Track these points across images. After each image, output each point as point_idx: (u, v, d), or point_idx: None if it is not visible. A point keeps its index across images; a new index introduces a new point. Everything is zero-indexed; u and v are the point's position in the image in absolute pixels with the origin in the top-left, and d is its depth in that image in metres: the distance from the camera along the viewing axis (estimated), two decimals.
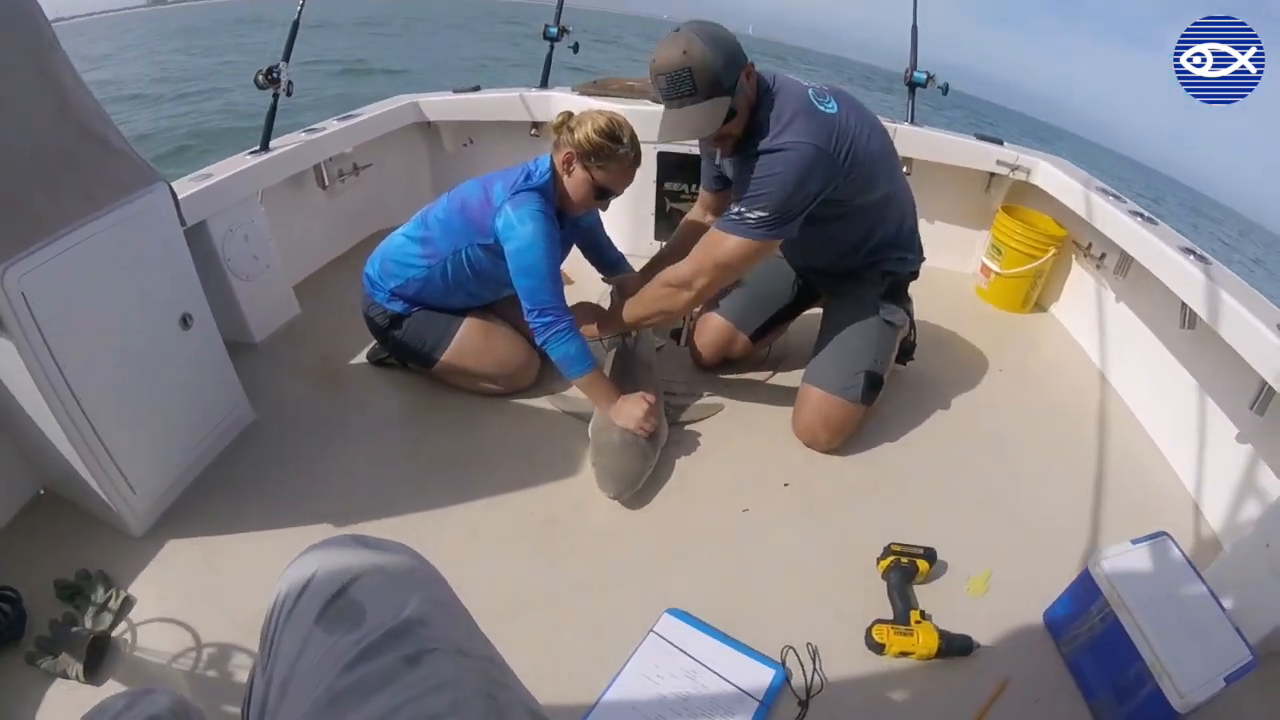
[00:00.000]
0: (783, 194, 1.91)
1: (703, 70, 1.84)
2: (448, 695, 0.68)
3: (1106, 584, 1.56)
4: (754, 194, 1.93)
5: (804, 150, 1.88)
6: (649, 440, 2.12)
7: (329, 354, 2.64)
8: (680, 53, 1.83)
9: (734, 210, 1.98)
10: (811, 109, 1.92)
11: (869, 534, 1.94)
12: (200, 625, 1.63)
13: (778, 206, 1.92)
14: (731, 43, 1.87)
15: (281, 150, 2.73)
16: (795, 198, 1.92)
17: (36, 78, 1.53)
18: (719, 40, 1.85)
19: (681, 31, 1.86)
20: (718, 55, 1.83)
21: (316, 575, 0.79)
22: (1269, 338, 1.86)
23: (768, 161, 1.91)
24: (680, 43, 1.84)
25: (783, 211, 1.93)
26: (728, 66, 1.85)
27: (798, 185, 1.90)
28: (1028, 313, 3.24)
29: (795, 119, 1.90)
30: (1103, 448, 2.41)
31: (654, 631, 1.67)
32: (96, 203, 1.65)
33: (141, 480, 1.83)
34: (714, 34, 1.86)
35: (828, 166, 1.91)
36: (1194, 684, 1.36)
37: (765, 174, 1.91)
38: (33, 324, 1.50)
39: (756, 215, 1.94)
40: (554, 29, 3.45)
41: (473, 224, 2.15)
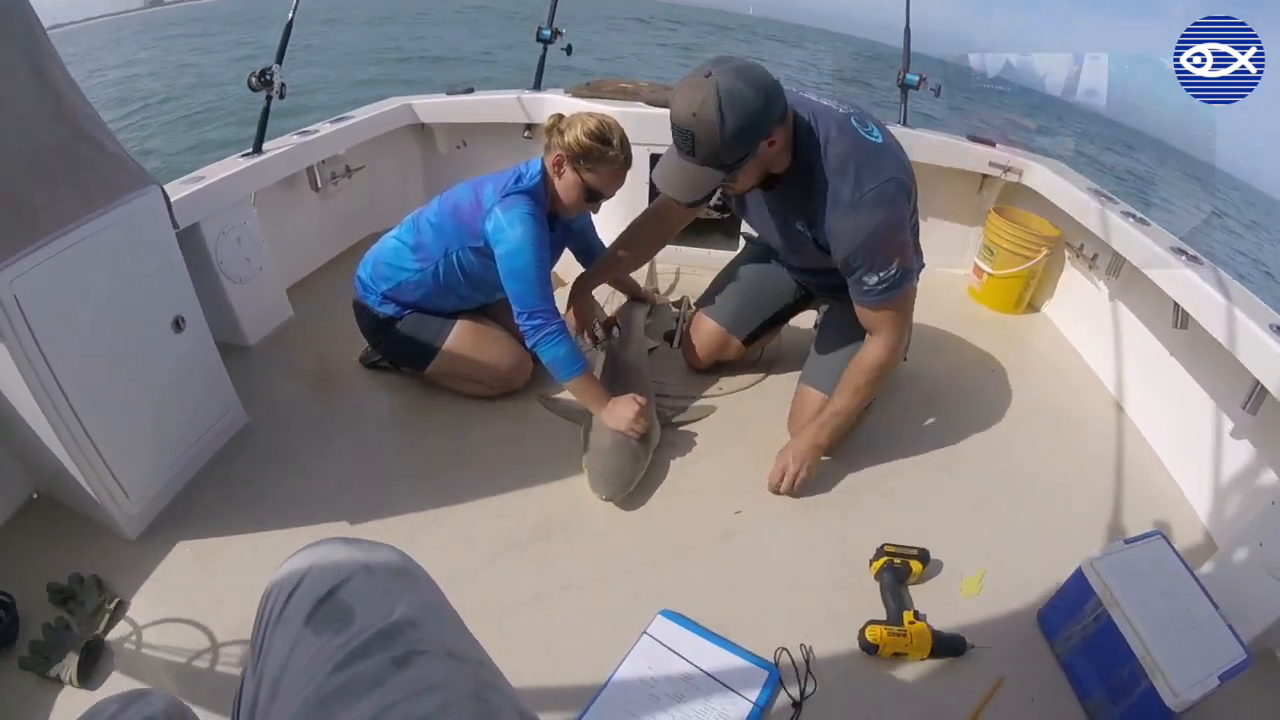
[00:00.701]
0: (902, 237, 1.89)
1: (705, 141, 1.71)
2: (437, 697, 0.68)
3: (1100, 583, 1.56)
4: (882, 254, 1.87)
5: (888, 190, 1.83)
6: (641, 442, 2.12)
7: (322, 357, 2.64)
8: (691, 113, 1.68)
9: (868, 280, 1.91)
10: (866, 144, 1.86)
11: (862, 535, 1.94)
12: (194, 628, 1.63)
13: (904, 249, 1.90)
14: (753, 110, 1.68)
15: (274, 152, 2.72)
16: (904, 230, 1.91)
17: (31, 78, 1.53)
18: (741, 106, 1.66)
19: (709, 78, 1.67)
20: (730, 127, 1.67)
21: (306, 577, 0.79)
22: (1261, 337, 1.87)
23: (864, 215, 1.84)
24: (698, 97, 1.67)
25: (908, 248, 1.92)
26: (734, 141, 1.70)
27: (902, 222, 1.88)
28: (1020, 313, 3.24)
29: (864, 164, 1.84)
30: (1096, 448, 2.41)
31: (647, 633, 1.67)
32: (91, 204, 1.65)
33: (134, 483, 1.83)
34: (738, 96, 1.66)
35: (907, 189, 1.90)
36: (1188, 683, 1.37)
37: (874, 228, 1.84)
38: (25, 327, 1.49)
39: (895, 268, 1.88)
40: (547, 31, 3.44)
41: (464, 227, 2.15)
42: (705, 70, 1.69)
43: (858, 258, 1.88)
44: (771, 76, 1.74)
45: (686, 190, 1.84)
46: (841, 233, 1.87)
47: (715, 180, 1.81)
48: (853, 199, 1.83)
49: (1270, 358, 1.84)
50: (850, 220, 1.85)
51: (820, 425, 2.13)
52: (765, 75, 1.73)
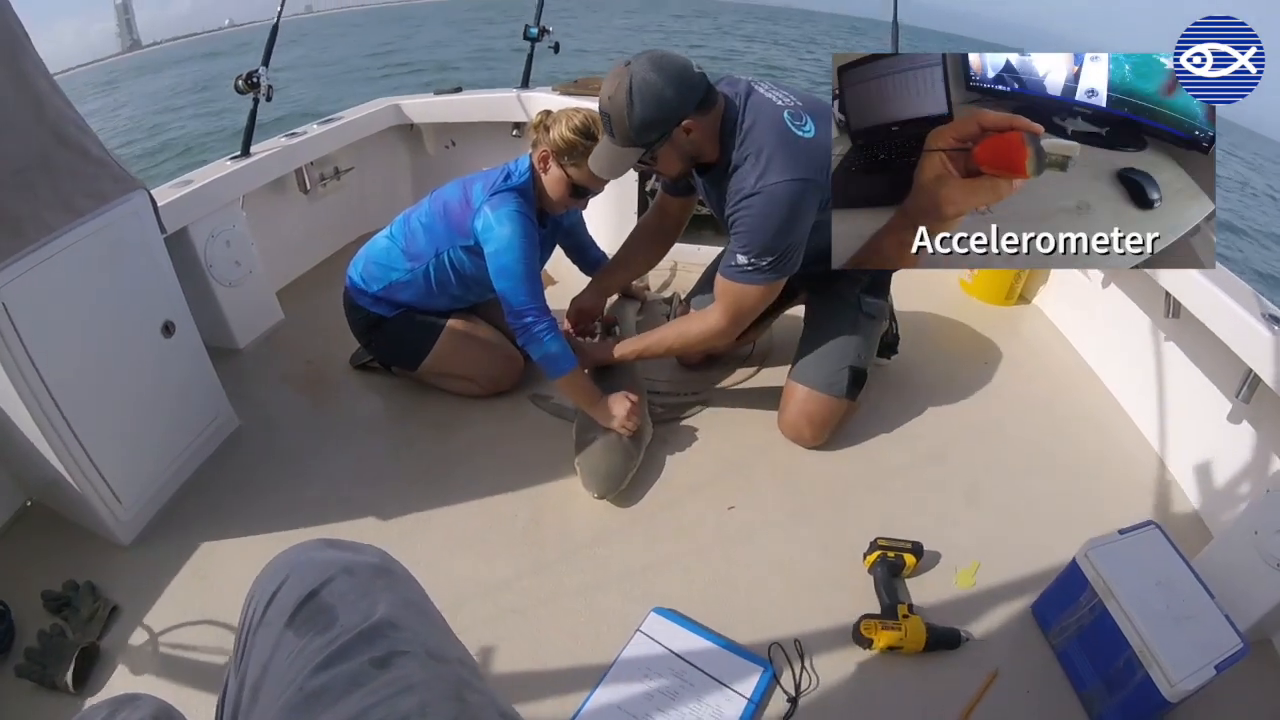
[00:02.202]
0: (782, 235, 1.90)
1: (618, 122, 1.84)
2: (416, 697, 0.68)
3: (1095, 574, 1.56)
4: (754, 240, 1.92)
5: (790, 188, 1.85)
6: (633, 439, 2.12)
7: (313, 359, 2.64)
8: (608, 97, 1.83)
9: (740, 259, 1.96)
10: (788, 138, 1.89)
11: (855, 529, 1.94)
12: (188, 633, 1.64)
13: (782, 248, 1.92)
14: (663, 98, 1.81)
15: (262, 155, 2.72)
16: (795, 234, 1.92)
17: (10, 82, 1.52)
18: (651, 94, 1.80)
19: (626, 68, 1.83)
20: (639, 112, 1.81)
21: (289, 578, 0.79)
22: (1254, 326, 1.87)
23: (756, 205, 1.88)
24: (615, 83, 1.83)
25: (786, 249, 1.93)
26: (646, 127, 1.84)
27: (792, 223, 1.89)
28: (1012, 305, 3.23)
29: (774, 155, 1.87)
30: (1089, 438, 2.41)
31: (641, 631, 1.67)
32: (76, 211, 1.65)
33: (126, 489, 1.83)
34: (649, 86, 1.80)
35: (815, 193, 1.89)
36: (1184, 673, 1.36)
37: (759, 218, 1.89)
38: (13, 334, 1.50)
39: (767, 261, 1.93)
40: (534, 29, 3.43)
41: (454, 226, 2.15)
42: (627, 60, 1.86)
43: (741, 238, 1.94)
44: (692, 70, 1.86)
45: (609, 168, 1.98)
46: (738, 214, 1.93)
47: (632, 158, 1.93)
48: (754, 186, 1.88)
49: (1263, 346, 1.84)
50: (746, 204, 1.90)
51: (625, 353, 2.26)
52: (682, 68, 1.84)
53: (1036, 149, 1.50)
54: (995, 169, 1.53)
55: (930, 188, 1.56)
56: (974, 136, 1.54)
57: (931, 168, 1.56)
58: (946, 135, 1.56)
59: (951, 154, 1.55)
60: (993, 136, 1.54)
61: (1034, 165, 1.50)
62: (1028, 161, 1.51)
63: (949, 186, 1.55)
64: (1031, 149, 1.50)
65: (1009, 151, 1.52)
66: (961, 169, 1.55)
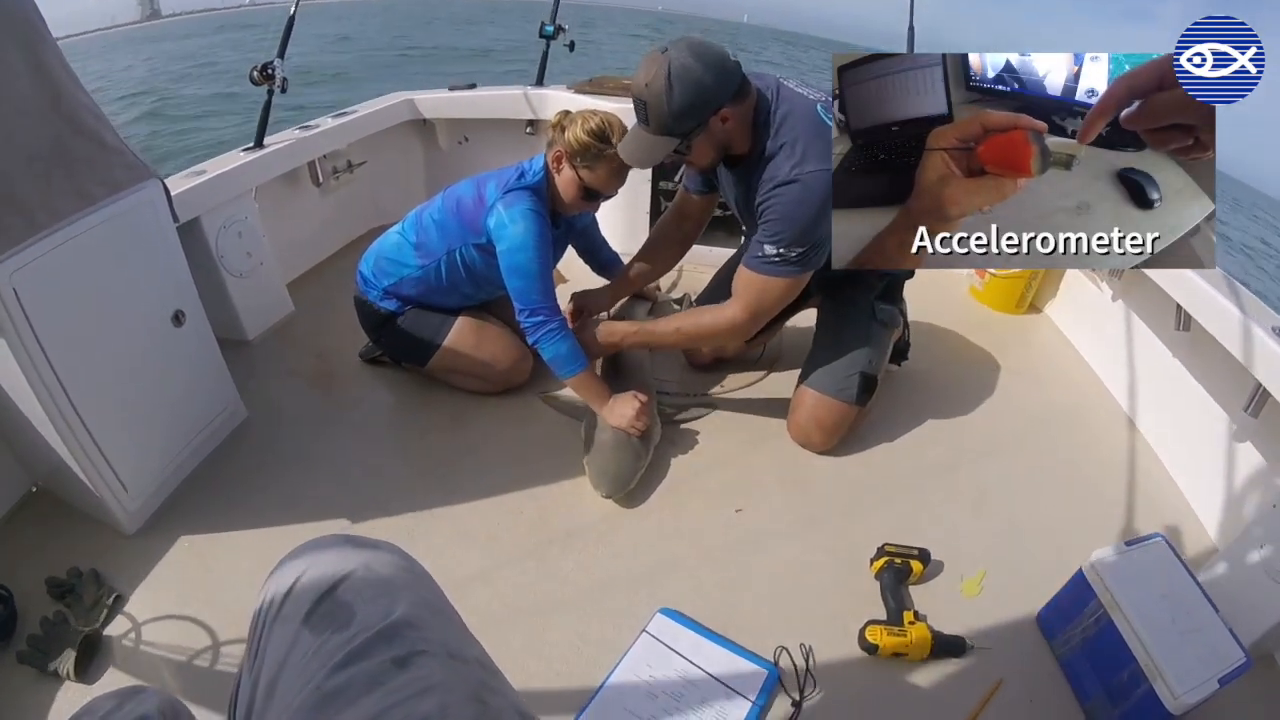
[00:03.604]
0: (815, 225, 1.87)
1: (655, 109, 1.81)
2: (436, 698, 0.68)
3: (1100, 585, 1.56)
4: (786, 229, 1.89)
5: (826, 178, 1.80)
6: (641, 439, 2.12)
7: (322, 352, 2.64)
8: (645, 84, 1.80)
9: (768, 249, 1.93)
10: (823, 129, 1.86)
11: (863, 534, 1.94)
12: (191, 624, 1.63)
13: (813, 239, 1.89)
14: (703, 85, 1.79)
15: (276, 147, 2.72)
16: (827, 225, 1.84)
17: (29, 71, 1.52)
18: (690, 80, 1.77)
19: (664, 54, 1.79)
20: (678, 99, 1.78)
21: (305, 575, 0.78)
22: (1264, 340, 1.86)
23: (792, 192, 1.86)
24: (652, 69, 1.79)
25: (817, 241, 1.89)
26: (684, 114, 1.80)
27: (825, 213, 1.84)
28: (1022, 314, 3.23)
29: (811, 145, 1.85)
30: (1097, 449, 2.40)
31: (646, 631, 1.67)
32: (89, 198, 1.64)
33: (133, 478, 1.82)
34: (687, 72, 1.77)
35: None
36: (1188, 686, 1.36)
37: (793, 204, 1.86)
38: (24, 320, 1.49)
39: (796, 252, 1.90)
40: (550, 27, 3.43)
41: (467, 224, 2.15)
42: (663, 47, 1.81)
43: (772, 227, 1.91)
44: (729, 58, 1.84)
45: (641, 157, 1.94)
46: (771, 201, 1.90)
47: (667, 148, 1.89)
48: (789, 174, 1.86)
49: (1273, 360, 1.83)
50: (781, 191, 1.88)
51: (628, 333, 2.25)
52: (720, 56, 1.82)
53: (1042, 147, 1.49)
54: (1000, 168, 1.53)
55: (933, 188, 1.55)
56: (977, 136, 1.53)
57: (935, 168, 1.55)
58: (949, 135, 1.55)
59: (954, 154, 1.55)
60: (996, 136, 1.53)
61: (1039, 163, 1.50)
62: (1033, 160, 1.50)
63: (952, 186, 1.55)
64: (1037, 147, 1.50)
65: (1014, 150, 1.52)
66: (964, 169, 1.54)
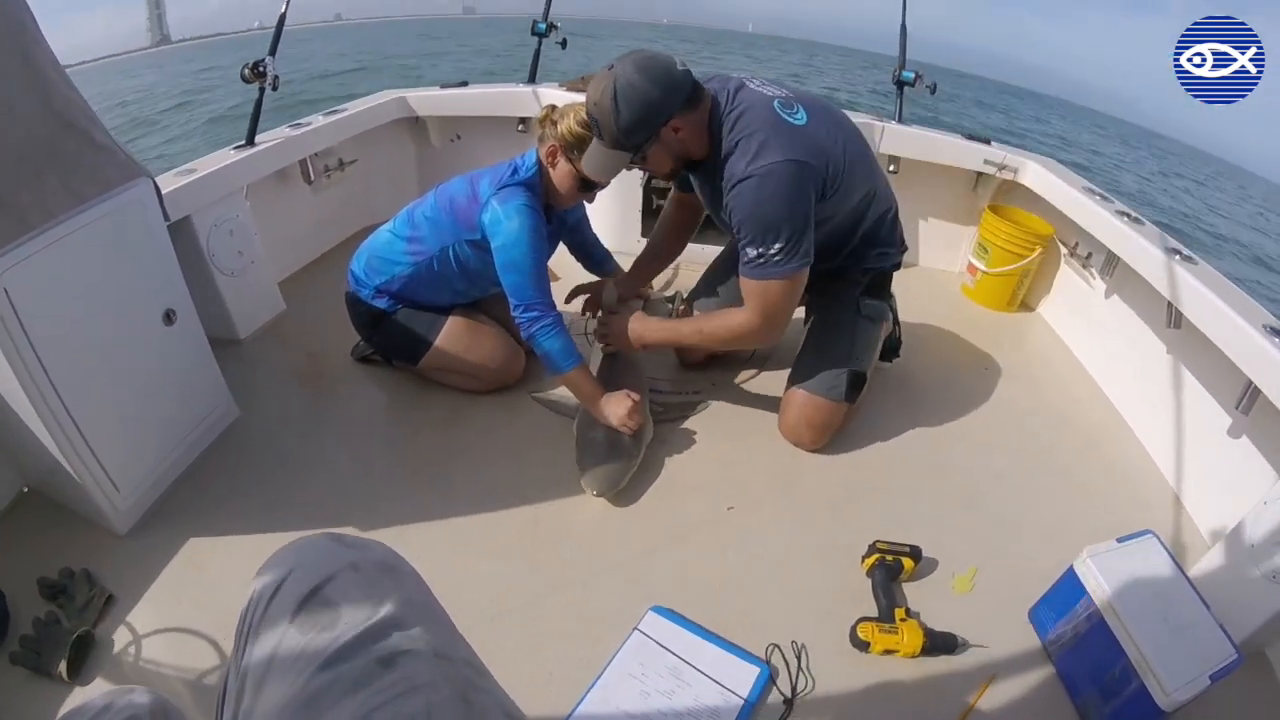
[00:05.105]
0: (778, 215, 1.87)
1: (605, 126, 1.88)
2: (423, 697, 0.68)
3: (1092, 582, 1.56)
4: (752, 226, 1.89)
5: (783, 168, 1.84)
6: (633, 438, 2.12)
7: (314, 351, 2.64)
8: (594, 102, 1.87)
9: (750, 253, 1.93)
10: (779, 124, 1.88)
11: (854, 532, 1.94)
12: (183, 623, 1.63)
13: (789, 232, 1.88)
14: (649, 99, 1.83)
15: (267, 145, 2.71)
16: (794, 214, 1.88)
17: (19, 69, 1.51)
18: (635, 97, 1.82)
19: (610, 72, 1.85)
20: (624, 115, 1.83)
21: (292, 573, 0.78)
22: (1255, 338, 1.87)
23: (749, 188, 1.87)
24: (598, 88, 1.85)
25: (792, 233, 1.88)
26: (632, 129, 1.86)
27: (788, 203, 1.86)
28: (1014, 312, 3.24)
29: (766, 140, 1.86)
30: (1088, 446, 2.41)
31: (638, 629, 1.66)
32: (80, 197, 1.64)
33: (125, 477, 1.82)
34: (633, 89, 1.82)
35: (812, 174, 1.88)
36: (1179, 682, 1.37)
37: (752, 202, 1.88)
38: (15, 319, 1.49)
39: (775, 248, 1.89)
40: (542, 25, 3.43)
41: (460, 220, 2.14)
42: (611, 64, 1.87)
43: (743, 228, 1.93)
44: (677, 69, 1.88)
45: (602, 170, 2.02)
46: (733, 202, 1.93)
47: (623, 160, 1.98)
48: (745, 171, 1.87)
49: (1263, 358, 1.84)
50: (739, 190, 1.90)
51: (657, 329, 2.26)
52: (666, 68, 1.86)
53: None
54: None
55: None
56: None
57: None
58: None
59: None
60: None
61: None
62: None
63: None
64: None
65: None
66: None
